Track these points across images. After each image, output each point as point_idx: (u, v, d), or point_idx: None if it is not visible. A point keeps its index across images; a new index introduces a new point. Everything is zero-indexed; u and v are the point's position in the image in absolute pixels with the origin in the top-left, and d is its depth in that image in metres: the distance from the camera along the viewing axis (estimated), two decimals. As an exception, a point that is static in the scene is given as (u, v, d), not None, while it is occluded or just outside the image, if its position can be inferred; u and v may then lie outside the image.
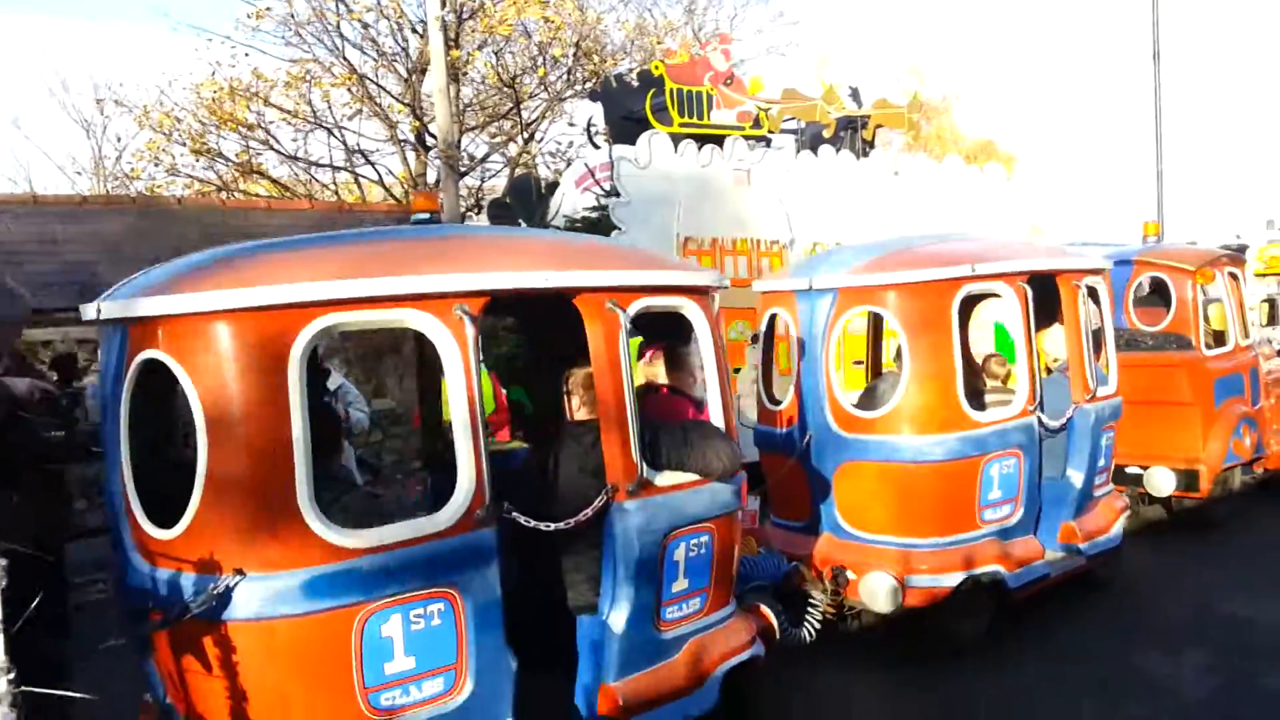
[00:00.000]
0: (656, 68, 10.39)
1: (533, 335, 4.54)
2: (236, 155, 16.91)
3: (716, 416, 4.50)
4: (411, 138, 17.21)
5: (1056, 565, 6.01)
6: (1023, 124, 78.75)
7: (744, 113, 10.64)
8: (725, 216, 9.50)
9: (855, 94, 11.68)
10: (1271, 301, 11.43)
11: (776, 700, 4.60)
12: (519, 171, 16.76)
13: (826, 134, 10.95)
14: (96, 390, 4.12)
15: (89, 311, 3.53)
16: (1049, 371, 6.38)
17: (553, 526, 3.87)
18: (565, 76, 17.68)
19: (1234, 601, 6.22)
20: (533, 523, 3.82)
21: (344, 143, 17.42)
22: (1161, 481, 7.80)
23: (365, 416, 6.36)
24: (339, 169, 17.85)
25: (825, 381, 5.64)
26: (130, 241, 11.91)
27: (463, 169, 14.88)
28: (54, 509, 4.12)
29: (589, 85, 16.44)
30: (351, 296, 3.40)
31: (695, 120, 10.33)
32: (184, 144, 16.33)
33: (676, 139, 9.42)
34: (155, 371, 3.42)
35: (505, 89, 17.39)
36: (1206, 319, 8.32)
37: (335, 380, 6.17)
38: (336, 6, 16.20)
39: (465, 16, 16.31)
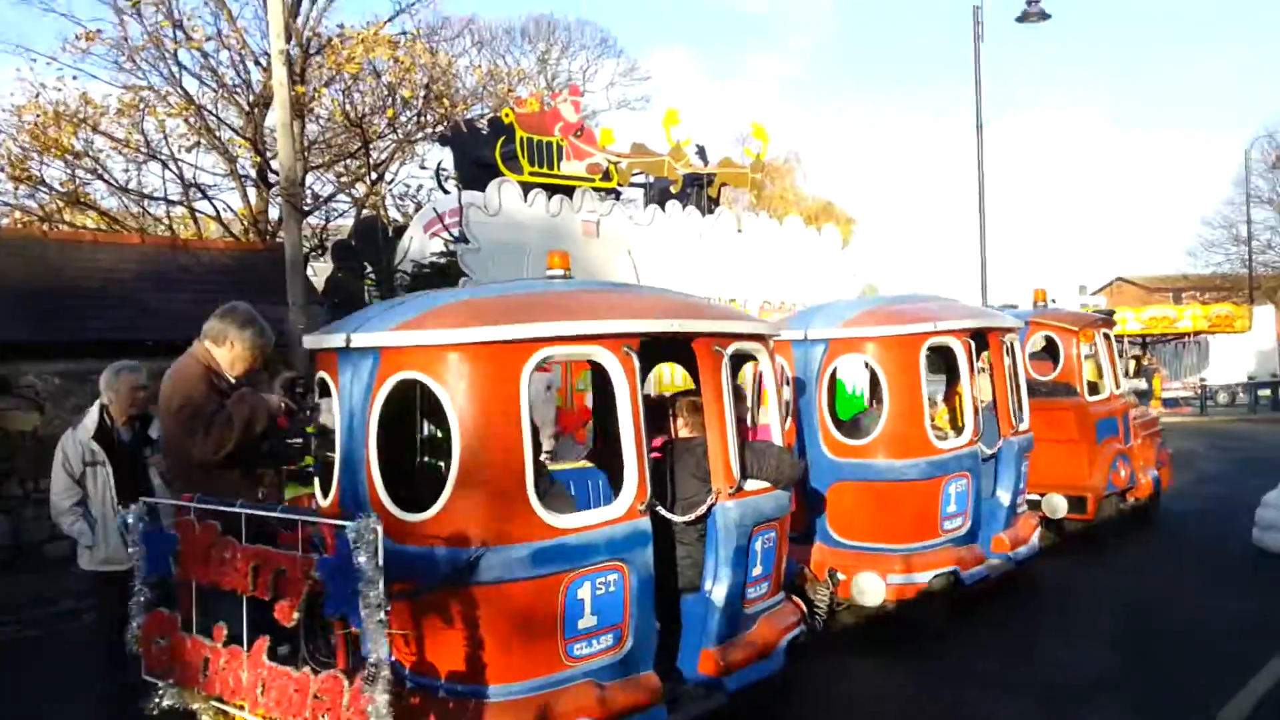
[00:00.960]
0: (507, 115, 10.48)
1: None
2: (61, 184, 16.01)
3: (777, 437, 5.56)
4: (252, 173, 16.72)
5: (994, 569, 7.35)
6: (860, 188, 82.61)
7: (594, 165, 10.83)
8: (574, 266, 9.47)
9: (702, 152, 12.06)
10: (1136, 358, 14.19)
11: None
12: (366, 213, 16.49)
13: (674, 189, 11.25)
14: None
15: (337, 340, 4.41)
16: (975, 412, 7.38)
17: (680, 519, 4.86)
18: (415, 119, 17.58)
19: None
20: (668, 515, 4.80)
21: (180, 176, 16.77)
22: (1057, 505, 9.22)
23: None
24: (174, 203, 17.15)
25: (819, 415, 6.59)
26: (-61, 272, 11.13)
27: (306, 208, 14.52)
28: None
29: (439, 129, 16.39)
30: (560, 335, 4.44)
31: (545, 170, 10.46)
32: (2, 169, 15.38)
33: (526, 187, 9.51)
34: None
35: (353, 128, 17.13)
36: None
37: (157, 429, 5.87)
38: (174, 33, 15.68)
39: (312, 51, 16.05)
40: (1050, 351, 9.84)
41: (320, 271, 15.88)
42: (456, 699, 4.05)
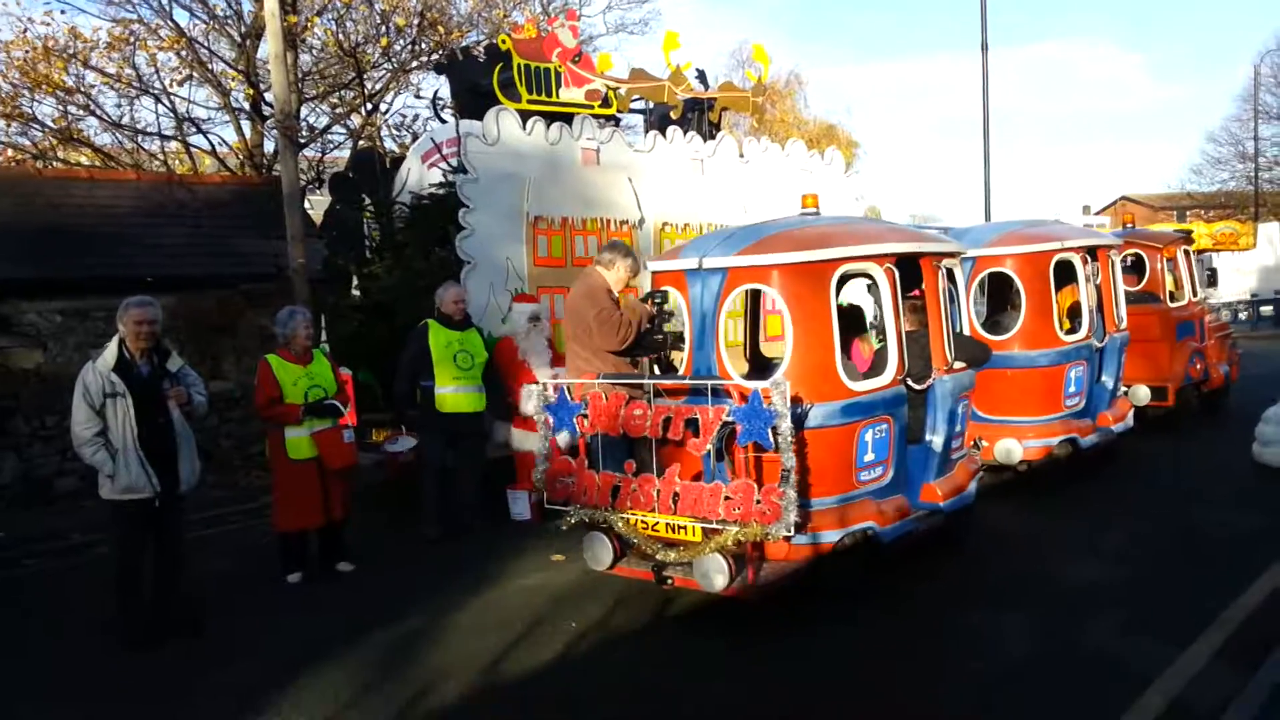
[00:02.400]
0: (504, 42, 10.22)
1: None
2: (54, 121, 15.79)
3: (967, 329, 7.54)
4: (246, 106, 16.48)
5: (1103, 438, 8.99)
6: (863, 112, 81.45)
7: (592, 91, 10.61)
8: (574, 195, 9.49)
9: (702, 76, 11.82)
10: (1212, 271, 16.02)
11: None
12: (362, 144, 16.29)
13: (674, 115, 11.04)
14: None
15: (690, 263, 6.17)
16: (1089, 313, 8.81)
17: (917, 387, 6.30)
18: (410, 47, 17.28)
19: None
20: (911, 384, 6.26)
21: (173, 110, 16.53)
22: (1142, 394, 10.72)
23: (205, 401, 6.12)
24: (168, 138, 16.93)
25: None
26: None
27: (302, 140, 14.33)
28: None
29: (434, 57, 16.11)
30: (850, 256, 6.05)
31: (543, 97, 10.25)
32: (-8, 107, 15.16)
33: (525, 115, 9.32)
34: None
35: (346, 58, 16.84)
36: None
37: (175, 363, 5.91)
38: (163, -36, 15.34)
39: (304, -20, 15.74)
40: (1137, 266, 11.56)
41: (318, 204, 15.77)
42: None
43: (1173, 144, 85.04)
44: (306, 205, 13.50)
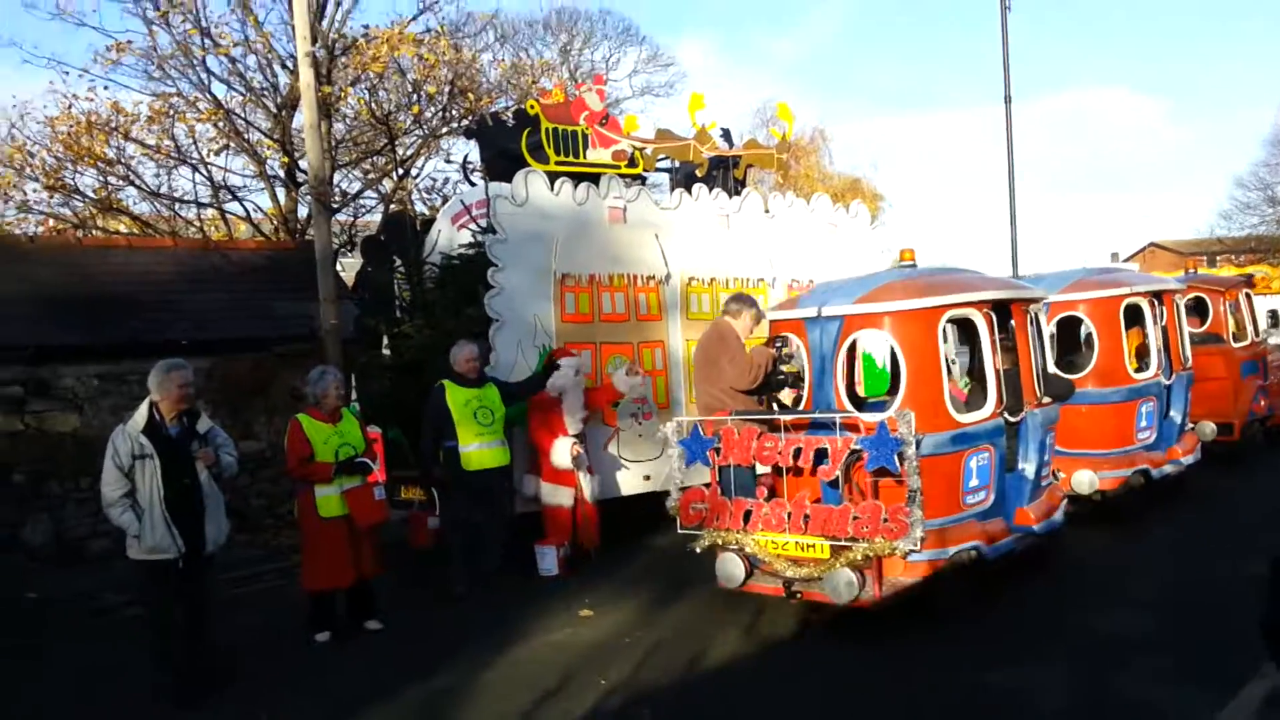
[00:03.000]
0: (532, 107, 10.42)
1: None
2: (94, 191, 16.19)
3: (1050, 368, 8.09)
4: (281, 174, 16.83)
5: (1173, 470, 9.55)
6: (887, 166, 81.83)
7: (619, 152, 10.77)
8: (602, 253, 9.58)
9: (727, 134, 11.96)
10: (1273, 312, 16.94)
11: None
12: (394, 208, 16.56)
13: (699, 173, 11.16)
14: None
15: (809, 312, 6.94)
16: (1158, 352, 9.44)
17: (1012, 419, 6.94)
18: (440, 114, 17.60)
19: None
20: (1009, 416, 6.93)
21: (210, 179, 16.89)
22: (1207, 430, 10.97)
23: (234, 461, 6.18)
24: (204, 205, 17.29)
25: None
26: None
27: (335, 205, 14.60)
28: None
29: (464, 123, 16.41)
30: (953, 303, 6.77)
31: (571, 159, 10.41)
32: (37, 179, 15.57)
33: (553, 177, 9.46)
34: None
35: (379, 125, 17.19)
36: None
37: (205, 424, 5.99)
38: (202, 41, 15.79)
39: (337, 53, 16.13)
40: (1199, 308, 12.10)
41: (349, 267, 15.99)
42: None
43: (1199, 190, 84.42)
44: (339, 268, 13.70)
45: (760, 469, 6.78)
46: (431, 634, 6.92)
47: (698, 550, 6.67)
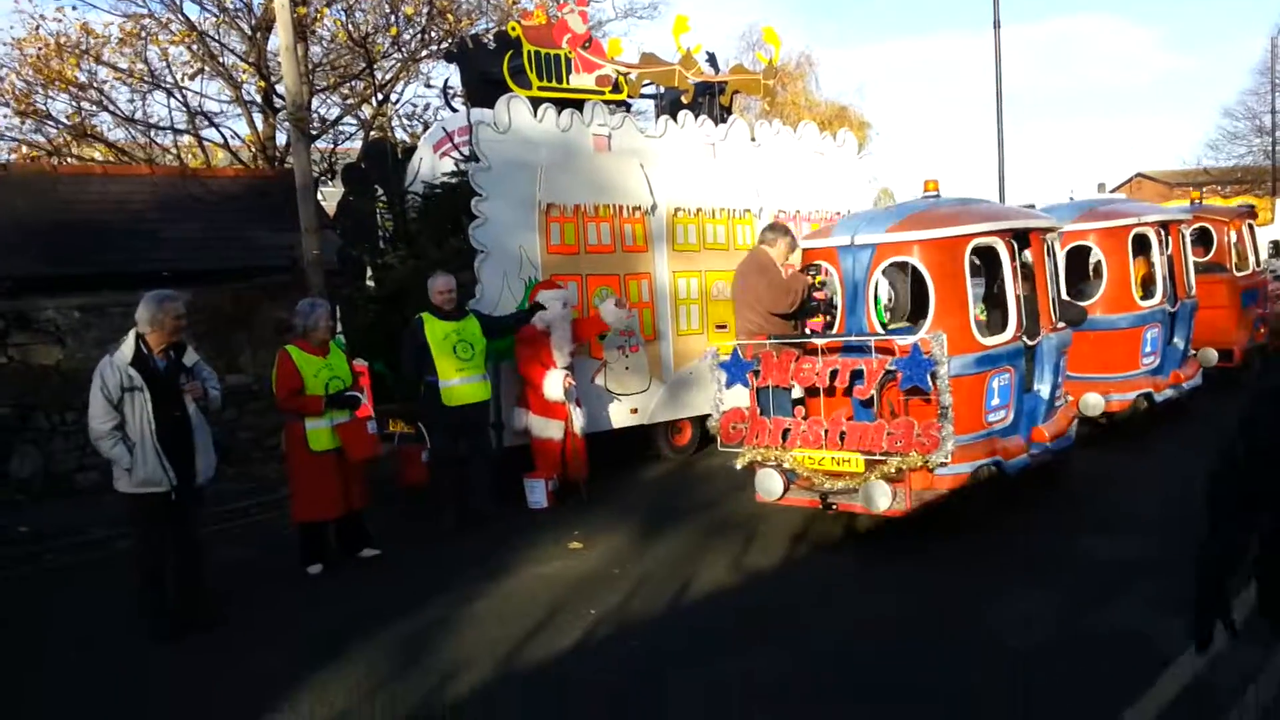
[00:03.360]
0: (513, 29, 10.19)
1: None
2: (68, 117, 15.86)
3: (1062, 294, 8.40)
4: (258, 99, 16.50)
5: (1175, 393, 9.95)
6: (874, 93, 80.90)
7: (603, 77, 10.57)
8: (587, 182, 9.47)
9: (712, 60, 11.76)
10: (1275, 243, 18.19)
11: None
12: (374, 135, 16.30)
13: (685, 99, 10.99)
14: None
15: (843, 240, 7.23)
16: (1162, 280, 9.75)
17: (1029, 343, 7.37)
18: (419, 36, 17.25)
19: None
20: (1025, 340, 7.32)
21: (185, 104, 16.56)
22: (1210, 356, 11.28)
23: (219, 395, 6.16)
24: (181, 132, 16.98)
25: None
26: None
27: (314, 132, 14.36)
28: None
29: (444, 46, 16.08)
30: (978, 232, 7.09)
31: (554, 84, 10.21)
32: (8, 104, 15.23)
33: (535, 103, 9.29)
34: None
35: (357, 48, 16.83)
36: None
37: (191, 357, 5.94)
38: (172, -42, 15.35)
39: (313, -29, 15.72)
40: (1204, 238, 12.47)
41: (330, 195, 15.80)
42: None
43: (1188, 119, 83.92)
44: (319, 197, 13.51)
45: (796, 391, 7.27)
46: (421, 567, 6.99)
47: (738, 466, 7.07)
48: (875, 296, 7.52)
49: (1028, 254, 7.75)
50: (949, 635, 5.17)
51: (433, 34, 17.14)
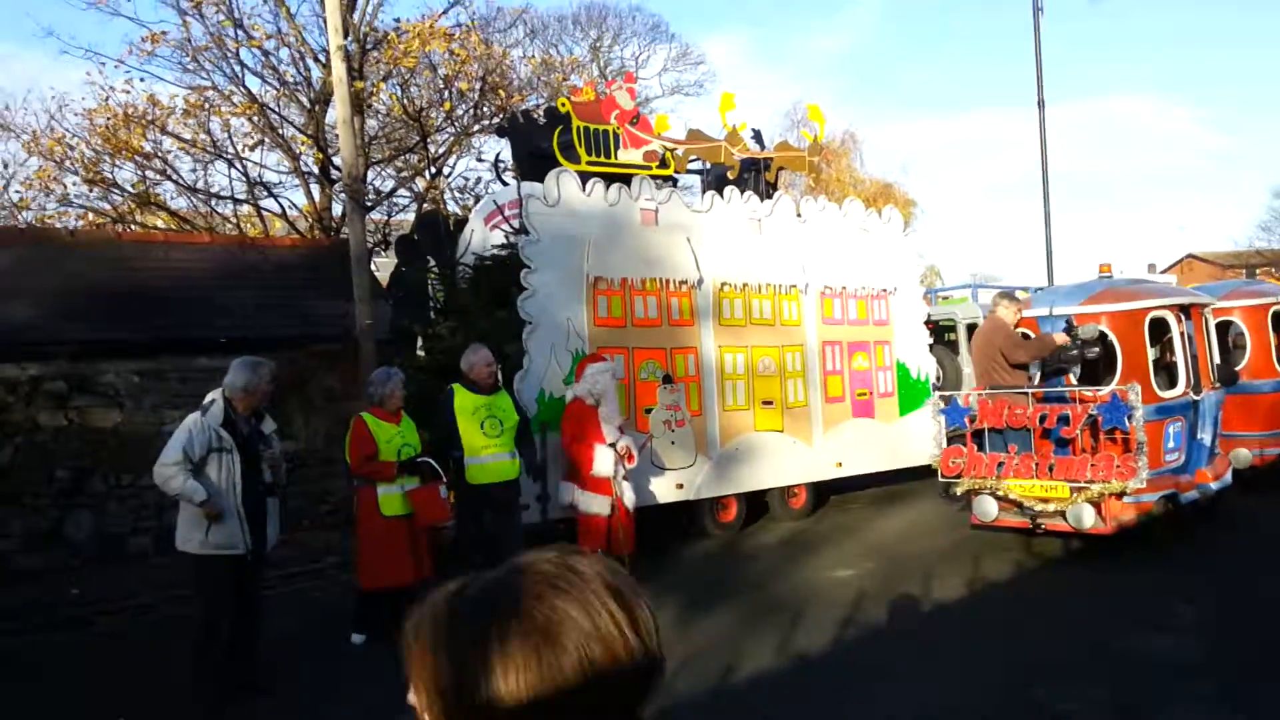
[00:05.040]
0: (563, 105, 10.43)
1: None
2: (133, 185, 16.39)
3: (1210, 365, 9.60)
4: (315, 170, 16.96)
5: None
6: (919, 171, 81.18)
7: (650, 152, 10.77)
8: (634, 256, 9.60)
9: (758, 136, 11.94)
10: None
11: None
12: (426, 207, 16.65)
13: (731, 175, 11.14)
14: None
15: (1043, 311, 9.07)
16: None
17: (1195, 397, 8.75)
18: (472, 111, 17.67)
19: None
20: (1192, 395, 8.75)
21: (245, 174, 17.06)
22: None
23: (285, 466, 6.28)
24: (240, 201, 17.47)
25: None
26: (21, 274, 11.48)
27: (368, 203, 14.71)
28: None
29: (496, 120, 16.47)
30: (1155, 305, 8.74)
31: (602, 159, 10.41)
32: (76, 172, 15.78)
33: (584, 177, 9.48)
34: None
35: (411, 122, 17.28)
36: None
37: (269, 425, 6.07)
38: (235, 33, 15.93)
39: (369, 47, 16.22)
40: None
41: (384, 266, 16.10)
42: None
43: (1236, 201, 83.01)
44: (373, 267, 13.79)
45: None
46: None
47: (957, 493, 8.63)
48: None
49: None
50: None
51: (485, 109, 17.57)
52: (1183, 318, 8.90)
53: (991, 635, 6.51)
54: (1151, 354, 8.90)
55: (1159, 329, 8.92)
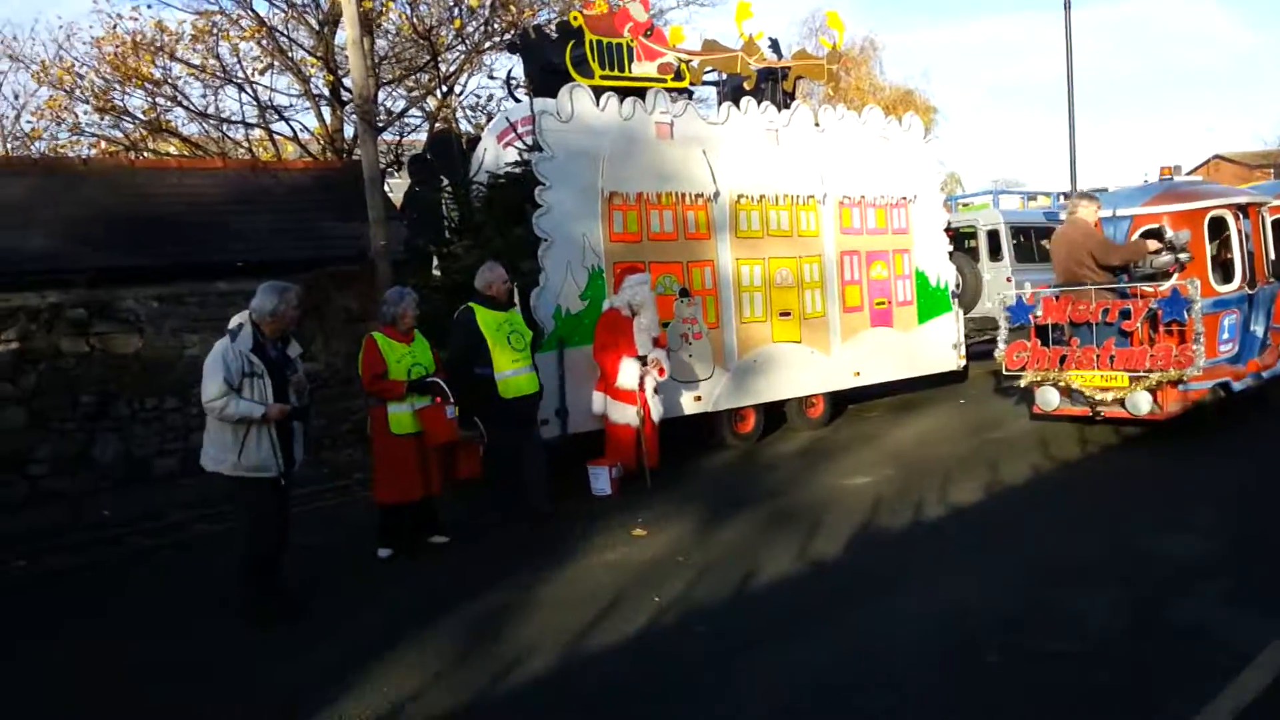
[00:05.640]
0: (575, 19, 10.21)
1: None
2: (144, 113, 16.29)
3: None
4: (326, 92, 16.78)
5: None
6: (940, 76, 79.50)
7: (665, 65, 10.55)
8: (649, 170, 9.48)
9: (775, 45, 11.66)
10: None
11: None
12: (439, 126, 16.47)
13: (747, 85, 10.92)
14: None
15: (1107, 213, 9.36)
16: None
17: (1250, 291, 9.39)
18: (483, 28, 17.36)
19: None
20: (1247, 289, 9.36)
21: (256, 98, 16.91)
22: None
23: (308, 389, 6.31)
24: (252, 126, 17.34)
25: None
26: (36, 204, 11.50)
27: (380, 124, 14.56)
28: None
29: (507, 37, 16.17)
30: (1213, 205, 9.19)
31: (616, 72, 10.22)
32: (87, 101, 15.70)
33: (598, 92, 9.33)
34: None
35: (421, 41, 17.00)
36: None
37: (295, 349, 6.09)
38: (242, -47, 15.65)
39: (377, -36, 15.90)
40: None
41: (397, 187, 16.02)
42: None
43: (1265, 98, 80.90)
44: (386, 188, 13.72)
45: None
46: (487, 554, 7.09)
47: (1022, 384, 9.17)
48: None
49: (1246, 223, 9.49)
50: (1013, 624, 5.09)
51: (496, 25, 17.26)
52: (1240, 216, 9.36)
53: (1010, 538, 6.53)
54: (1210, 251, 9.17)
55: (1217, 227, 9.27)
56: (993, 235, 14.55)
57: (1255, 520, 6.65)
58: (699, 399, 9.70)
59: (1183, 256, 8.70)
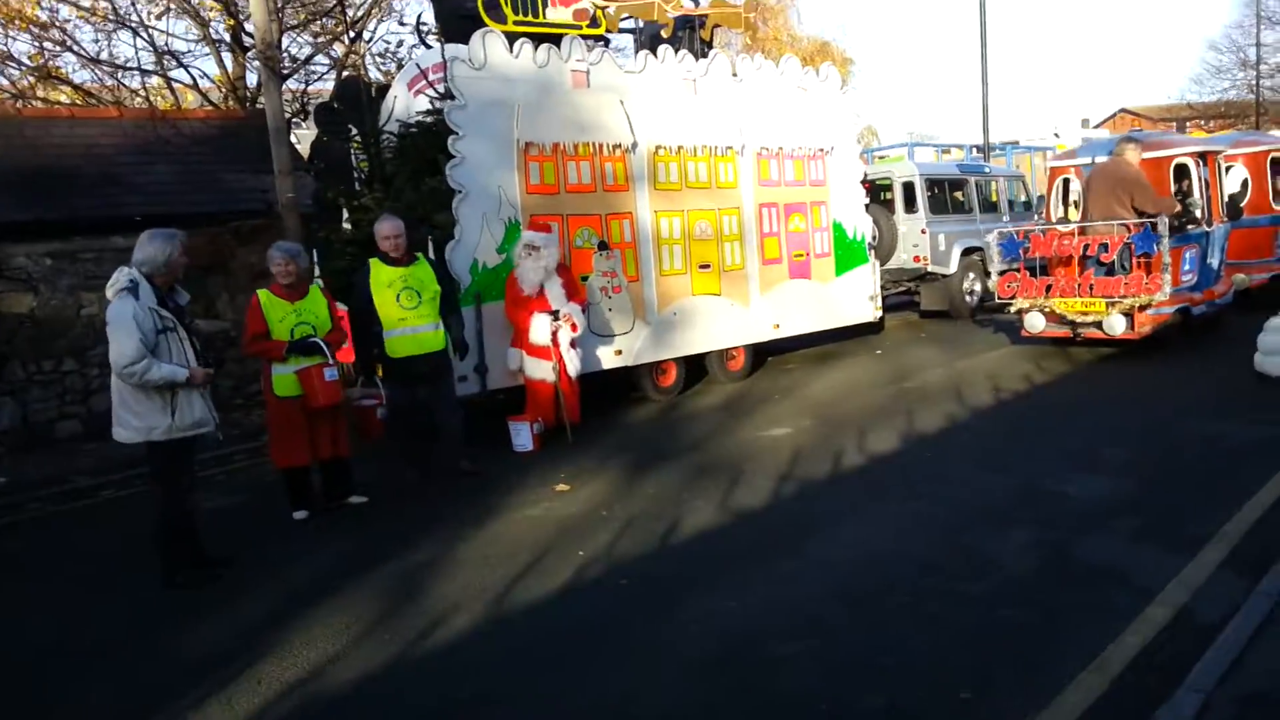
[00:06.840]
0: (488, -38, 9.92)
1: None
2: (30, 58, 15.42)
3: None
4: (226, 37, 16.09)
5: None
6: (856, 28, 79.84)
7: (580, 10, 10.34)
8: (565, 120, 9.31)
9: (692, -8, 11.52)
10: None
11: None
12: (347, 74, 15.93)
13: (665, 34, 10.78)
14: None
15: (1085, 160, 11.61)
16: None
17: (1207, 229, 10.72)
18: (392, -30, 16.80)
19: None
20: (1205, 227, 10.77)
21: (152, 43, 16.12)
22: None
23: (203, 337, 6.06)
24: (148, 72, 16.55)
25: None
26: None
27: (285, 71, 14.00)
28: None
29: (417, -20, 15.68)
30: (1181, 153, 11.12)
31: (530, 18, 9.98)
32: (-34, 46, 14.79)
33: (512, 38, 9.09)
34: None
35: (327, -17, 16.40)
36: None
37: (183, 296, 5.82)
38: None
39: (279, -98, 15.22)
40: None
41: (304, 137, 15.47)
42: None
43: (1170, 55, 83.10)
44: (293, 138, 13.25)
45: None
46: (406, 511, 6.98)
47: (1013, 310, 10.72)
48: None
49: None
50: (933, 566, 5.19)
51: (405, -32, 16.70)
52: (1200, 163, 10.72)
53: (928, 484, 6.66)
54: (1174, 191, 10.69)
55: (1181, 173, 10.83)
56: (908, 187, 14.69)
57: (1171, 457, 6.87)
58: (619, 353, 9.65)
59: (1196, 213, 10.29)
